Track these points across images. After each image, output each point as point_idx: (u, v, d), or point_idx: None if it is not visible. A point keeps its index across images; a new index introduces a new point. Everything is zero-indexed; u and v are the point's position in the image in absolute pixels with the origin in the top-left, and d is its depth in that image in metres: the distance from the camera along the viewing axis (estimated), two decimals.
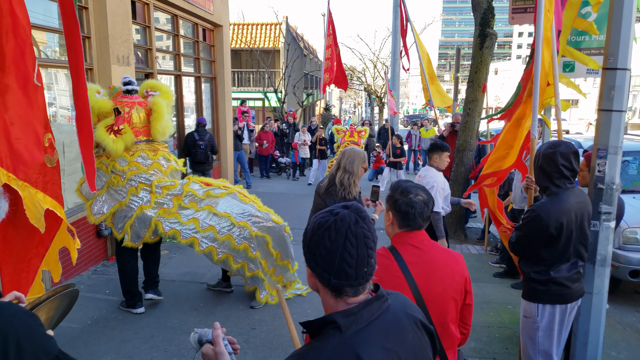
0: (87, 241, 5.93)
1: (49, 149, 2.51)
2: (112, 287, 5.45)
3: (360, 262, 1.22)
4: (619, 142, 3.09)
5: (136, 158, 4.60)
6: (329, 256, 1.22)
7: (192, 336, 1.47)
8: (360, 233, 1.23)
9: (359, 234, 1.23)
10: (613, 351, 4.31)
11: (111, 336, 4.37)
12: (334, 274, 1.22)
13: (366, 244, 1.23)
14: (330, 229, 1.23)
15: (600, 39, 4.92)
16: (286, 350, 4.18)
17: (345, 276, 1.22)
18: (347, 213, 1.26)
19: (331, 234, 1.22)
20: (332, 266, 1.22)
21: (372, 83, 32.13)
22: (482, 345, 4.39)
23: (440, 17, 48.80)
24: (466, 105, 7.90)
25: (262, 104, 25.56)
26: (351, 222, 1.23)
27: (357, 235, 1.23)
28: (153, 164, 4.69)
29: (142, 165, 4.62)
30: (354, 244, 1.22)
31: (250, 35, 25.92)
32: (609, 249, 3.20)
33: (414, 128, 15.83)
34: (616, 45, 3.02)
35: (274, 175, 14.59)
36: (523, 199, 5.59)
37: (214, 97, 10.86)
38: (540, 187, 3.07)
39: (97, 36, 6.03)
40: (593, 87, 44.74)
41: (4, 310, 1.30)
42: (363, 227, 1.24)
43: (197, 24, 9.63)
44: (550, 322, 3.01)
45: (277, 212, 9.46)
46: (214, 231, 4.70)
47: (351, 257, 1.21)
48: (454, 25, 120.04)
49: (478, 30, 7.66)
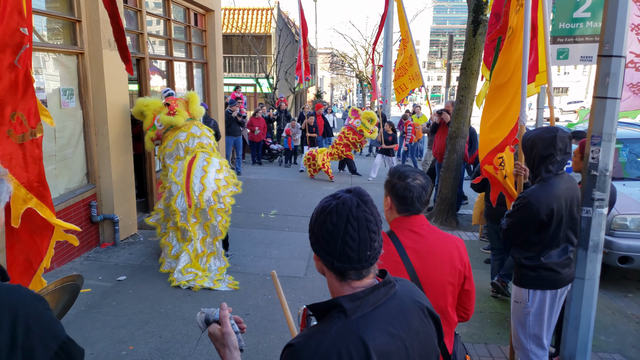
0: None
1: (16, 125, 2.53)
2: (104, 273, 5.43)
3: (362, 245, 1.23)
4: (613, 130, 3.11)
5: (191, 129, 5.94)
6: (331, 239, 1.24)
7: (198, 316, 1.48)
8: (362, 216, 1.24)
9: (361, 217, 1.24)
10: (602, 335, 4.39)
11: (105, 322, 4.36)
12: (337, 257, 1.24)
13: (368, 227, 1.24)
14: (332, 212, 1.25)
15: (595, 26, 4.93)
16: (281, 336, 4.20)
17: (347, 259, 1.23)
18: (349, 197, 1.27)
19: (333, 218, 1.24)
20: (335, 249, 1.24)
21: (364, 69, 32.01)
22: (475, 330, 4.44)
23: (432, 4, 48.59)
24: (459, 93, 7.90)
25: (254, 90, 25.39)
26: (352, 206, 1.24)
27: (358, 218, 1.23)
28: (202, 132, 6.03)
29: (196, 133, 5.95)
30: (356, 227, 1.23)
31: (242, 21, 25.65)
32: (601, 235, 3.24)
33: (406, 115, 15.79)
34: (611, 33, 3.02)
35: (266, 162, 14.55)
36: None
37: (205, 82, 10.75)
38: (532, 173, 3.09)
39: (88, 20, 5.92)
40: (583, 74, 44.99)
41: (14, 292, 1.29)
42: (365, 211, 1.25)
43: (188, 8, 9.50)
44: (541, 307, 3.05)
45: (269, 198, 9.48)
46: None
47: (353, 240, 1.22)
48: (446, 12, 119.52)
49: (471, 16, 7.64)
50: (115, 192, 6.36)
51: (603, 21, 3.06)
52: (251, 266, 5.83)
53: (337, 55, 37.15)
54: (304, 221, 7.88)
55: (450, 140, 7.92)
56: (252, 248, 6.50)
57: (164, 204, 5.70)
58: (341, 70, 42.79)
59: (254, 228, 7.44)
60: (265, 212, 8.39)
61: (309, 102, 30.58)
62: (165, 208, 5.69)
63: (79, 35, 5.88)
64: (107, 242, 6.39)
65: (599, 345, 4.20)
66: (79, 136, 6.03)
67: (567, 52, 5.03)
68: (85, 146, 6.12)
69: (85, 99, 6.03)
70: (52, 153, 5.54)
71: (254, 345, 4.07)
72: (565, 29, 5.18)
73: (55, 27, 5.81)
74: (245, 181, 11.13)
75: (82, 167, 6.11)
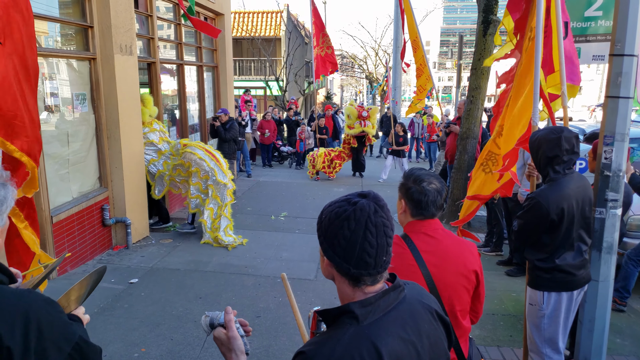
0: (92, 230, 5.95)
1: None
2: (117, 275, 5.48)
3: (379, 251, 1.21)
4: (625, 129, 3.07)
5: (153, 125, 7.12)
6: (349, 246, 1.21)
7: (203, 320, 1.47)
8: (380, 222, 1.22)
9: (379, 223, 1.22)
10: (618, 338, 4.33)
11: (117, 324, 4.40)
12: (354, 263, 1.21)
13: (385, 232, 1.23)
14: (349, 218, 1.22)
15: (607, 25, 4.87)
16: (292, 339, 4.20)
17: (364, 265, 1.21)
18: (365, 202, 1.24)
19: (350, 224, 1.21)
20: (352, 256, 1.21)
21: (374, 71, 31.96)
22: (487, 332, 4.41)
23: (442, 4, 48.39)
24: (469, 93, 7.86)
25: (264, 93, 25.48)
26: (370, 212, 1.22)
27: (376, 224, 1.21)
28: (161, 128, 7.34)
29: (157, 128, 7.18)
30: (374, 234, 1.21)
31: (252, 24, 25.77)
32: (615, 236, 3.20)
33: (417, 116, 15.77)
34: (623, 31, 2.98)
35: (276, 164, 14.58)
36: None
37: (216, 86, 10.82)
38: (541, 174, 3.06)
39: (100, 26, 5.99)
40: (596, 73, 44.48)
41: (24, 298, 1.31)
42: (382, 216, 1.23)
43: (198, 12, 9.56)
44: (556, 309, 3.01)
45: (279, 200, 9.51)
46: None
47: (371, 246, 1.20)
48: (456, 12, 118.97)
49: (481, 16, 7.59)
50: (127, 195, 6.42)
51: (614, 20, 3.02)
52: (261, 268, 5.85)
53: (347, 57, 37.14)
54: (314, 223, 7.78)
55: (462, 141, 7.87)
56: (262, 250, 6.51)
57: (199, 189, 6.73)
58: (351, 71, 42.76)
59: (264, 230, 7.46)
60: (276, 214, 8.40)
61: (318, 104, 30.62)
62: (201, 192, 6.74)
63: (91, 41, 5.95)
64: (119, 245, 6.44)
65: (614, 348, 4.14)
66: (91, 140, 6.09)
67: (579, 51, 4.98)
68: (97, 150, 6.19)
69: (98, 103, 6.09)
70: (65, 157, 5.60)
71: (264, 348, 4.08)
72: (577, 28, 5.11)
73: (68, 33, 5.88)
74: (256, 184, 11.20)
75: (94, 171, 6.18)
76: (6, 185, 1.46)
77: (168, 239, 6.88)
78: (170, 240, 6.82)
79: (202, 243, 6.69)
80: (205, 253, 6.32)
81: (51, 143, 5.33)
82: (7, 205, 1.45)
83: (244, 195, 9.84)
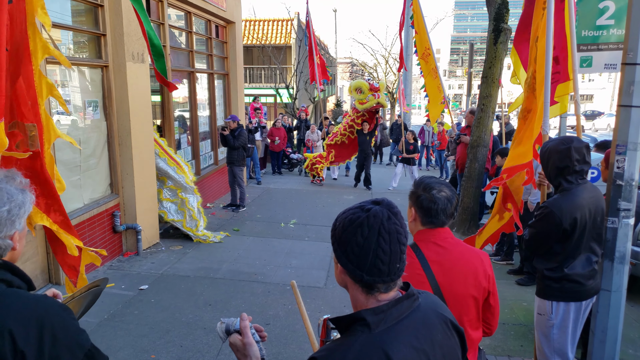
0: (103, 237, 6.00)
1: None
2: (127, 282, 5.51)
3: (393, 258, 1.21)
4: (638, 138, 3.04)
5: None
6: (362, 253, 1.21)
7: (218, 326, 1.47)
8: (393, 229, 1.22)
9: (392, 229, 1.22)
10: (630, 349, 4.27)
11: (127, 331, 4.42)
12: (367, 270, 1.21)
13: (399, 239, 1.23)
14: (362, 225, 1.22)
15: (619, 34, 4.84)
16: (301, 346, 4.19)
17: (378, 272, 1.21)
18: (379, 209, 1.24)
19: (364, 231, 1.21)
20: (365, 263, 1.21)
21: (384, 79, 31.98)
22: (497, 342, 4.37)
23: (452, 12, 48.39)
24: (480, 101, 7.84)
25: (274, 100, 25.58)
26: (384, 218, 1.22)
27: (390, 231, 1.21)
28: None
29: None
30: (387, 240, 1.21)
31: (262, 32, 25.92)
32: (628, 246, 3.16)
33: (427, 124, 15.74)
34: (635, 40, 2.96)
35: (286, 172, 14.61)
36: (527, 192, 5.55)
37: (226, 93, 10.89)
38: (552, 184, 3.04)
39: (113, 34, 6.07)
40: (608, 81, 44.15)
41: (40, 303, 1.33)
42: (395, 223, 1.23)
43: (210, 20, 9.66)
44: (565, 319, 2.98)
45: (289, 208, 9.52)
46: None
47: (384, 253, 1.20)
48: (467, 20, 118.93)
49: (492, 25, 7.59)
50: (138, 202, 6.46)
51: (627, 28, 3.00)
52: (271, 276, 5.85)
53: (357, 65, 37.23)
54: (324, 230, 7.88)
55: (472, 149, 7.84)
56: (271, 257, 6.51)
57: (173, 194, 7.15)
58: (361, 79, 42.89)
59: (273, 237, 7.47)
60: (285, 221, 8.41)
61: (329, 111, 30.67)
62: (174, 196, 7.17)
63: (103, 49, 6.03)
64: (129, 251, 6.48)
65: (626, 359, 4.08)
66: (103, 147, 6.16)
67: (590, 59, 4.95)
68: (109, 157, 6.25)
69: (110, 110, 6.16)
70: (77, 164, 5.66)
71: (274, 355, 4.07)
72: (589, 37, 5.10)
73: (80, 41, 5.97)
74: (265, 191, 11.23)
75: (105, 178, 6.23)
76: (25, 191, 1.49)
77: (178, 245, 6.91)
78: (181, 247, 6.85)
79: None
80: (215, 260, 6.34)
81: (63, 150, 5.39)
82: (25, 210, 1.48)
83: (254, 202, 9.87)
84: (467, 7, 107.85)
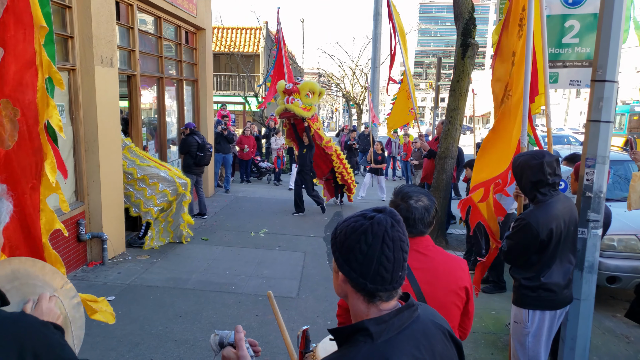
0: (67, 245, 5.78)
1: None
2: (92, 293, 5.25)
3: (396, 265, 1.22)
4: (606, 152, 3.18)
5: None
6: (366, 261, 1.21)
7: (212, 339, 1.44)
8: (397, 237, 1.23)
9: (396, 237, 1.23)
10: (595, 356, 4.40)
11: (94, 344, 4.25)
12: (370, 278, 1.21)
13: (402, 247, 1.24)
14: (366, 232, 1.22)
15: (582, 52, 5.06)
16: (274, 358, 4.13)
17: (381, 280, 1.21)
18: (382, 217, 1.25)
19: (368, 238, 1.21)
20: (369, 271, 1.21)
21: (351, 90, 32.30)
22: (469, 350, 4.43)
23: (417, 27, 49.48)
24: (448, 114, 8.01)
25: (243, 108, 25.40)
26: (387, 226, 1.23)
27: (394, 239, 1.22)
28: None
29: None
30: (391, 248, 1.21)
31: (230, 39, 25.78)
32: (596, 255, 3.28)
33: (394, 135, 15.96)
34: (605, 58, 3.10)
35: (254, 180, 14.51)
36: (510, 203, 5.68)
37: (195, 100, 10.75)
38: (527, 197, 3.14)
39: (81, 36, 5.90)
40: (562, 97, 45.93)
41: (19, 323, 1.27)
42: (398, 231, 1.24)
43: (180, 26, 9.54)
44: (540, 327, 3.07)
45: (258, 216, 9.42)
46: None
47: (388, 261, 1.21)
48: (430, 34, 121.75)
49: (460, 40, 7.79)
50: (104, 210, 6.27)
51: (596, 47, 3.14)
52: (242, 286, 5.76)
53: (324, 75, 37.46)
54: (295, 240, 7.84)
55: (440, 160, 8.00)
56: (242, 267, 6.42)
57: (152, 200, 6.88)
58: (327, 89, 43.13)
59: (244, 247, 7.37)
60: (255, 230, 8.32)
61: None
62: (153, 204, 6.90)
63: (71, 52, 5.85)
64: (94, 261, 6.27)
65: None
66: (68, 153, 5.95)
67: (557, 76, 5.15)
68: (74, 163, 6.04)
69: (76, 115, 5.97)
70: None
71: None
72: (554, 54, 5.30)
73: None
74: (234, 199, 11.09)
75: (70, 185, 6.02)
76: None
77: (145, 255, 6.73)
78: (148, 256, 6.67)
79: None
80: (184, 270, 6.20)
81: None
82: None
83: (223, 211, 9.73)
84: (431, 22, 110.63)
